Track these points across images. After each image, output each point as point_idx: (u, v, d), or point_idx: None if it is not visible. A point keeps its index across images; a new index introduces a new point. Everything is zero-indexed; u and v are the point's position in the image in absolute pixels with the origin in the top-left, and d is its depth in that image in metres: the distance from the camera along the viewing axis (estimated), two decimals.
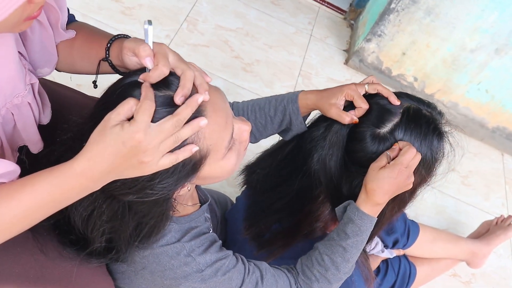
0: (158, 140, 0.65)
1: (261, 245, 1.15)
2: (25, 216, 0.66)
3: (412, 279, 1.55)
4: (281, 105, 1.09)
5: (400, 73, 2.48)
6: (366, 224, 0.99)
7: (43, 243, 0.72)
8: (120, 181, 0.70)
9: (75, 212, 0.77)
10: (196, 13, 2.43)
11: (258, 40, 2.48)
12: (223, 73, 2.24)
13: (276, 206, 1.14)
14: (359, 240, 0.99)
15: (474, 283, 1.98)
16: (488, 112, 2.44)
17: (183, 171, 0.72)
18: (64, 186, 0.65)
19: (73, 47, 0.89)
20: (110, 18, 2.18)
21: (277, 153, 1.17)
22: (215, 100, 0.75)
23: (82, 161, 0.64)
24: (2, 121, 0.79)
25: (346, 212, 1.01)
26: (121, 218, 0.77)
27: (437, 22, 2.17)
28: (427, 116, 1.00)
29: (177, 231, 0.85)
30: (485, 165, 2.46)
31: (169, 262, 0.83)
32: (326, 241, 1.02)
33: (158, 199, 0.75)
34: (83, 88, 1.26)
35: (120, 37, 0.86)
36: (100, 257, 0.84)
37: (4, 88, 0.76)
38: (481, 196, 2.31)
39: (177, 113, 0.66)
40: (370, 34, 2.38)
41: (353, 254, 1.00)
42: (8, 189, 0.66)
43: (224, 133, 0.76)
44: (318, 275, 0.99)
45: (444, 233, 1.68)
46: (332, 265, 0.99)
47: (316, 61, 2.53)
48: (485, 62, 2.24)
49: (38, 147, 0.90)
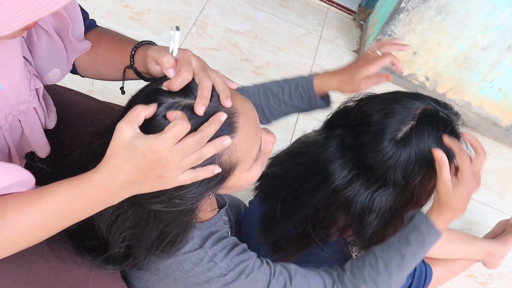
0: (180, 156, 0.64)
1: (275, 249, 1.14)
2: (42, 227, 0.66)
3: (428, 281, 1.53)
4: (296, 92, 1.08)
5: (411, 72, 2.46)
6: (431, 236, 0.95)
7: (58, 250, 0.72)
8: None
9: (100, 218, 0.77)
10: (205, 16, 2.43)
11: (268, 42, 2.47)
12: (233, 76, 2.23)
13: (291, 212, 1.12)
14: (419, 251, 0.95)
15: (491, 283, 1.96)
16: (502, 110, 2.41)
17: (211, 182, 0.72)
18: (83, 197, 0.65)
19: (97, 54, 0.89)
20: (119, 23, 2.18)
21: (291, 160, 1.16)
22: (247, 111, 0.74)
23: (101, 172, 0.64)
24: (10, 128, 0.79)
25: (413, 220, 0.97)
26: (144, 226, 0.76)
27: (448, 20, 2.15)
28: (444, 118, 0.98)
29: (199, 237, 0.85)
30: (499, 163, 2.43)
31: (192, 269, 0.83)
32: (384, 246, 0.98)
33: (184, 208, 0.74)
34: (93, 94, 1.26)
35: (145, 43, 0.85)
36: (117, 264, 0.84)
37: (9, 95, 0.75)
38: (496, 195, 2.28)
39: (200, 130, 0.65)
40: (380, 34, 2.36)
41: (409, 265, 0.96)
42: (27, 198, 0.65)
43: (253, 145, 0.75)
44: (367, 277, 0.95)
45: (460, 234, 1.66)
46: (385, 270, 0.95)
47: (326, 63, 2.52)
48: (498, 60, 2.21)
49: (45, 151, 0.91)
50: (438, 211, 0.96)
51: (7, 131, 0.78)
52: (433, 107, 0.98)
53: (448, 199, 0.93)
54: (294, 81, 1.10)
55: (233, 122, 0.70)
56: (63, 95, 1.03)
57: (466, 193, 0.94)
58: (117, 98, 0.94)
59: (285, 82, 1.11)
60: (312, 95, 1.06)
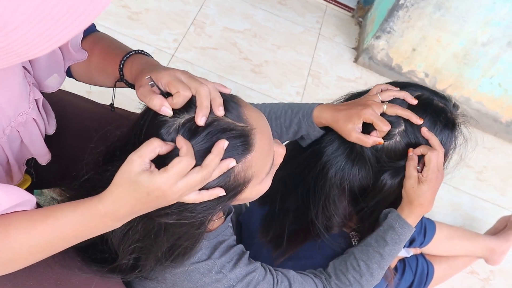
0: (185, 190, 0.64)
1: (278, 245, 1.14)
2: (44, 247, 0.66)
3: (430, 278, 1.53)
4: (296, 117, 1.07)
5: (411, 69, 2.45)
6: (406, 233, 1.00)
7: (60, 256, 0.72)
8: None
9: (113, 233, 0.76)
10: (203, 16, 2.43)
11: (266, 40, 2.46)
12: (232, 76, 2.23)
13: (291, 204, 1.13)
14: (396, 248, 1.01)
15: (493, 280, 1.95)
16: (502, 106, 2.41)
17: (225, 196, 0.72)
18: (88, 224, 0.66)
19: (91, 62, 0.89)
20: (118, 24, 2.18)
21: (291, 161, 1.15)
22: (262, 126, 0.73)
23: (107, 203, 0.64)
24: (8, 140, 0.78)
25: (387, 219, 1.02)
26: (154, 238, 0.76)
27: (447, 16, 2.15)
28: (439, 106, 0.99)
29: (207, 247, 0.84)
30: (500, 159, 2.42)
31: (200, 279, 0.83)
32: (362, 247, 1.02)
33: (195, 221, 0.74)
34: (92, 95, 1.26)
35: (131, 54, 0.84)
36: (123, 274, 0.83)
37: (7, 110, 0.75)
38: (497, 191, 2.28)
39: (206, 165, 0.64)
40: (379, 31, 2.35)
41: (388, 262, 1.01)
42: (30, 219, 0.65)
43: (267, 159, 0.75)
44: (352, 280, 0.99)
45: (461, 230, 1.66)
46: (368, 271, 0.99)
47: (325, 60, 2.51)
48: (497, 56, 2.20)
49: (46, 159, 0.90)
50: (407, 208, 1.01)
51: (5, 143, 0.77)
52: (428, 95, 0.99)
53: (415, 195, 0.98)
54: (298, 106, 1.09)
55: (250, 139, 0.70)
56: (61, 99, 1.02)
57: (430, 190, 0.98)
58: (116, 99, 0.93)
59: (289, 107, 1.10)
60: (310, 122, 1.05)
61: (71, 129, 1.01)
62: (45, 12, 0.41)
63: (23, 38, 0.42)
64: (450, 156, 1.05)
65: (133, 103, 1.74)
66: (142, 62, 0.79)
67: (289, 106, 1.10)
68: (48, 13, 0.41)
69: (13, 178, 0.84)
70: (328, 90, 2.36)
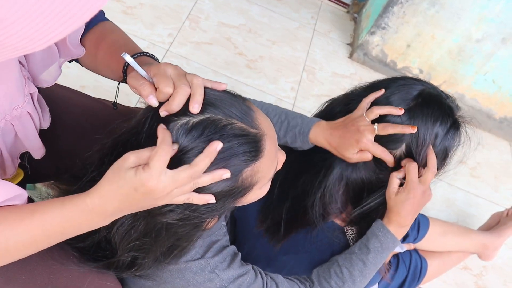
0: (172, 188, 0.63)
1: (275, 232, 1.14)
2: (30, 243, 0.66)
3: (423, 273, 1.54)
4: (292, 131, 1.07)
5: (405, 65, 2.46)
6: (388, 243, 1.02)
7: (52, 249, 0.71)
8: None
9: (117, 230, 0.76)
10: (198, 10, 2.42)
11: (261, 36, 2.46)
12: (227, 71, 2.23)
13: (290, 194, 1.13)
14: (378, 257, 1.02)
15: (486, 275, 1.96)
16: (496, 102, 2.41)
17: (229, 199, 0.72)
18: (75, 219, 0.65)
19: (97, 57, 0.88)
20: (112, 18, 2.15)
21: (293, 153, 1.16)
22: (270, 132, 0.73)
23: (95, 198, 0.64)
24: (2, 133, 0.77)
25: (372, 227, 1.04)
26: (154, 237, 0.75)
27: (442, 13, 2.15)
28: (443, 102, 1.00)
29: (201, 246, 0.85)
30: (494, 156, 2.43)
31: (193, 278, 0.83)
32: (346, 254, 1.04)
33: (197, 222, 0.74)
34: (86, 89, 1.25)
35: (137, 56, 0.83)
36: (118, 271, 0.83)
37: (1, 103, 0.74)
38: (491, 187, 2.29)
39: (194, 164, 0.64)
40: (374, 27, 2.35)
41: (371, 270, 1.03)
42: (17, 214, 0.65)
43: (273, 165, 0.76)
44: (334, 286, 1.00)
45: (455, 226, 1.66)
46: (350, 278, 1.01)
47: (320, 56, 2.51)
48: (492, 52, 2.21)
49: (40, 153, 0.90)
50: (387, 216, 1.04)
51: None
52: (431, 89, 1.01)
53: (393, 203, 1.01)
54: (295, 119, 1.08)
55: (261, 145, 0.70)
56: (56, 93, 1.02)
57: (409, 201, 0.99)
58: (110, 94, 0.93)
59: (285, 117, 1.10)
60: (306, 141, 1.06)
61: (65, 123, 1.00)
62: (43, 7, 0.41)
63: (21, 33, 0.42)
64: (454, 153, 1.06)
65: (127, 98, 1.73)
66: (132, 75, 0.78)
67: (286, 115, 1.10)
68: (46, 8, 0.41)
69: (6, 172, 0.84)
70: (323, 86, 2.36)
